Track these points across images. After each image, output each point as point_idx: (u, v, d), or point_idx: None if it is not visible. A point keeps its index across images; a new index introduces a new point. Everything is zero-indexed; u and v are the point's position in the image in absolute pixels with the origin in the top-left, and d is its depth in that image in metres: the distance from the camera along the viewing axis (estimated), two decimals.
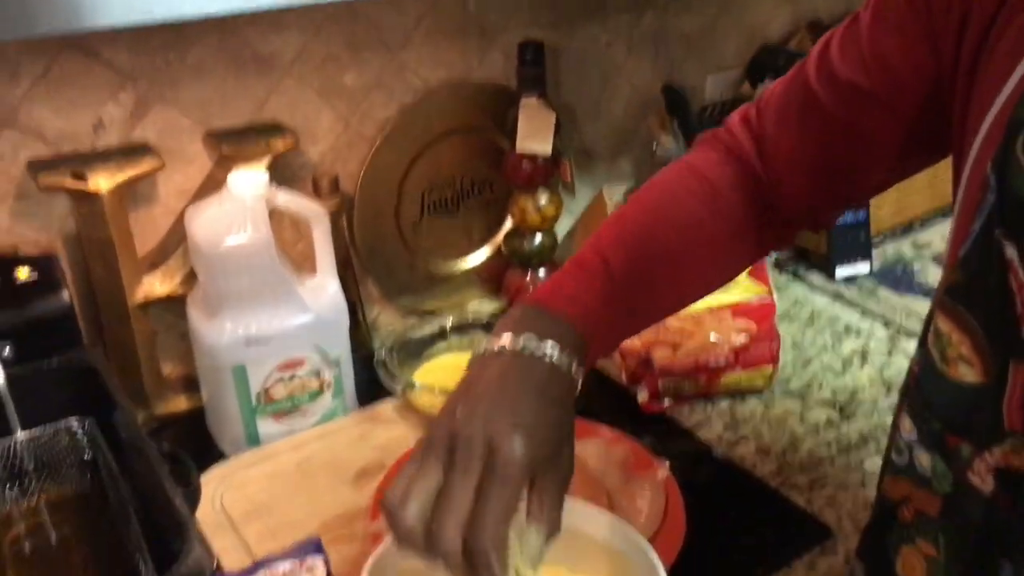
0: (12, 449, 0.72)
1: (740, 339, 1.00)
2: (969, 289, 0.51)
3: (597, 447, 0.87)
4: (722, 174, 0.68)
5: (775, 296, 1.04)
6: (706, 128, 1.17)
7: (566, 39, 1.18)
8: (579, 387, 0.59)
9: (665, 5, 1.25)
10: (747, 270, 0.90)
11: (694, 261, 0.68)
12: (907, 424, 0.57)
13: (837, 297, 1.22)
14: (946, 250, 0.58)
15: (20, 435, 0.73)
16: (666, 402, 1.01)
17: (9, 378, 0.71)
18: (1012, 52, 0.49)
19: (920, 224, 1.38)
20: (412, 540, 0.50)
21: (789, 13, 1.39)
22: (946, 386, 0.53)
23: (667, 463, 0.85)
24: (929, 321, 0.55)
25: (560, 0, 1.15)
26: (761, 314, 1.01)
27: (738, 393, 1.03)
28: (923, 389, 0.56)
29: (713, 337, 0.99)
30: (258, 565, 0.74)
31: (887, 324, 1.15)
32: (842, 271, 1.24)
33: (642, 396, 1.01)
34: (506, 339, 0.57)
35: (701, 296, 0.73)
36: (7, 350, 0.72)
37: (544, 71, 1.08)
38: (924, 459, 0.55)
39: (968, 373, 0.51)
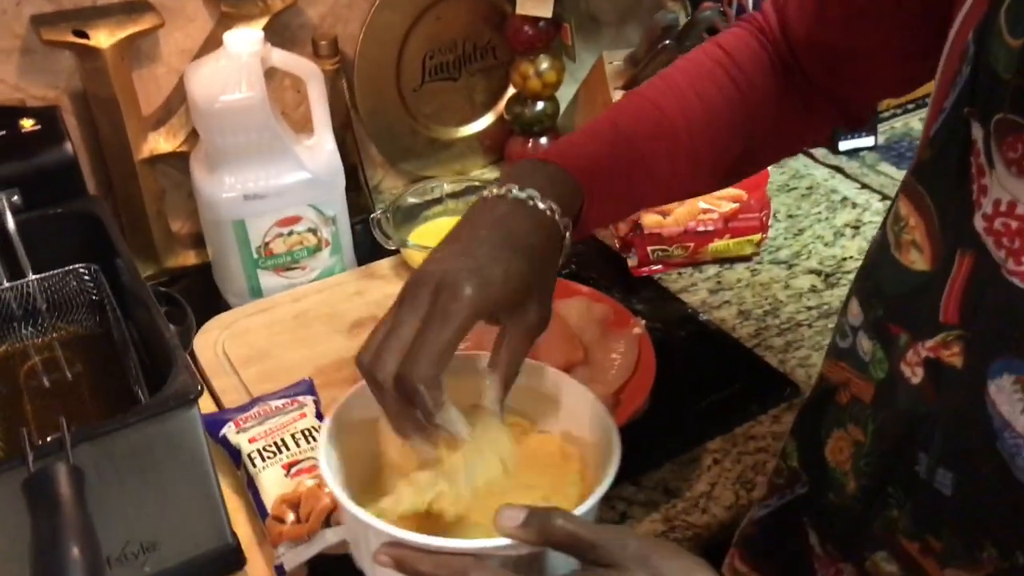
0: (25, 289, 0.78)
1: (729, 207, 1.01)
2: (934, 169, 0.50)
3: (579, 305, 0.90)
4: (752, 62, 0.66)
5: (769, 166, 1.05)
6: None
7: None
8: (566, 237, 0.58)
9: None
10: None
11: (708, 147, 0.66)
12: (855, 308, 0.57)
13: (838, 170, 1.22)
14: (923, 129, 0.55)
15: (32, 277, 0.77)
16: (655, 267, 1.04)
17: (18, 224, 0.75)
18: None
19: None
20: (361, 372, 0.52)
21: None
22: (896, 271, 0.52)
23: (642, 321, 0.89)
24: (894, 204, 0.54)
25: None
26: (752, 183, 1.02)
27: (726, 260, 1.05)
28: (875, 273, 0.55)
29: (702, 204, 1.01)
30: (254, 401, 0.81)
31: (884, 198, 1.16)
32: (845, 144, 1.24)
33: (632, 261, 1.04)
34: (497, 187, 0.57)
35: (710, 186, 0.71)
36: (15, 197, 0.77)
37: None
38: (866, 344, 0.55)
39: (918, 260, 0.50)
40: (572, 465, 0.62)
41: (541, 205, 0.56)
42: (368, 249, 1.05)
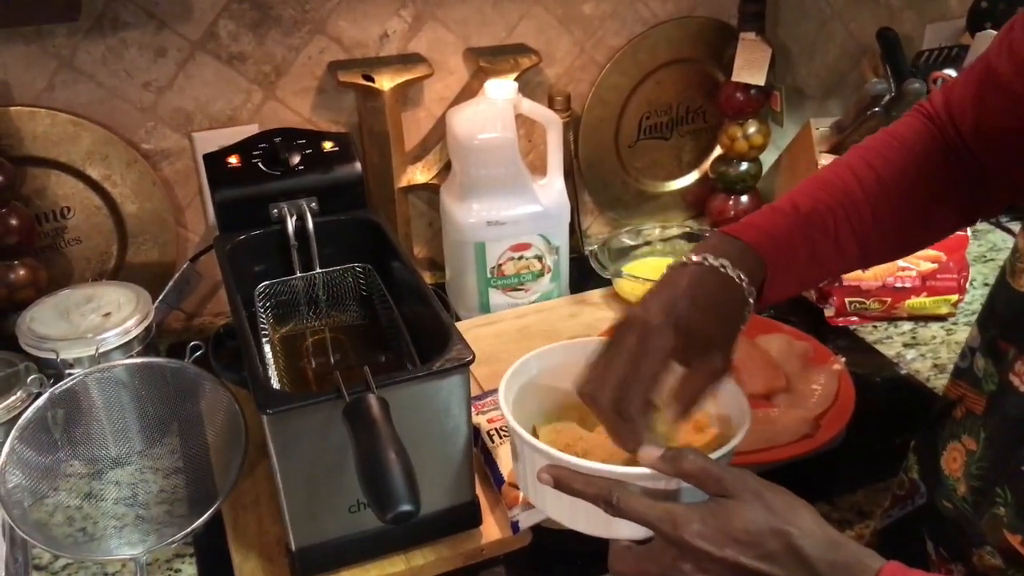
0: (313, 280, 0.93)
1: (928, 266, 1.07)
2: None
3: (780, 340, 0.98)
4: (922, 141, 0.72)
5: (970, 232, 1.10)
6: (920, 75, 1.23)
7: None
8: (750, 301, 0.65)
9: None
10: None
11: (884, 216, 0.71)
12: (974, 332, 0.65)
13: None
14: None
15: (318, 270, 0.93)
16: (852, 318, 1.10)
17: (314, 226, 0.91)
18: None
19: None
20: (584, 399, 0.63)
21: None
22: (1008, 295, 0.61)
23: (843, 359, 0.95)
24: (1016, 240, 0.62)
25: None
26: (951, 245, 1.07)
27: (921, 318, 1.10)
28: (992, 300, 0.64)
29: (901, 261, 1.06)
30: (487, 392, 0.92)
31: None
32: None
33: (829, 311, 1.10)
34: (694, 255, 0.67)
35: (891, 254, 0.76)
36: (314, 204, 0.93)
37: (764, 9, 1.18)
38: (980, 362, 0.63)
39: None
40: (710, 432, 0.71)
41: (731, 273, 0.65)
42: (577, 282, 1.17)
